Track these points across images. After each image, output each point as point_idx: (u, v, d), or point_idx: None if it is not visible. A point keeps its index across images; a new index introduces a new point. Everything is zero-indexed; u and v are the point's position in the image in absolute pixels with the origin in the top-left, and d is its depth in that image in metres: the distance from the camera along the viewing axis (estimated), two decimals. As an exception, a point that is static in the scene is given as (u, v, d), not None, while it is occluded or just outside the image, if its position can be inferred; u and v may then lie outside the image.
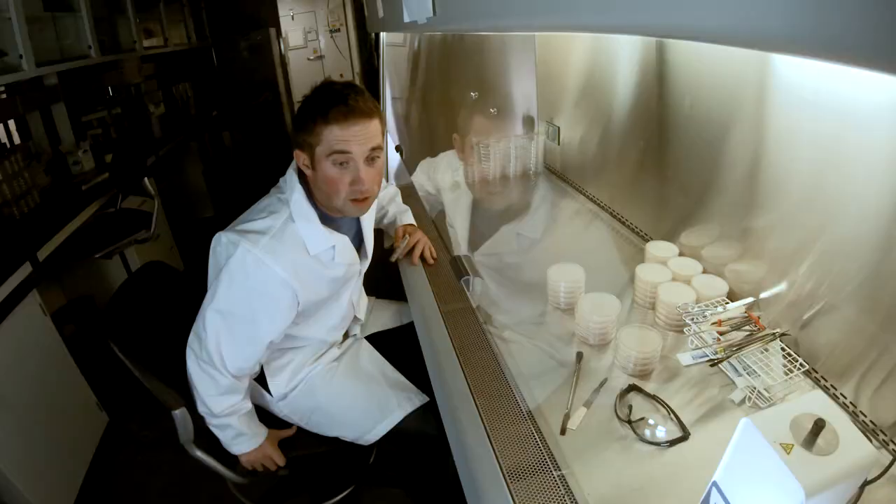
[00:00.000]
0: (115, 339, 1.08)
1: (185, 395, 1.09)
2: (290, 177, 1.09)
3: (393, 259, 1.39)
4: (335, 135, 0.98)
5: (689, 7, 0.41)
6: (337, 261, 1.12)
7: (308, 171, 1.06)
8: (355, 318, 1.36)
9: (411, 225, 1.43)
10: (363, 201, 1.07)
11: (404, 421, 1.19)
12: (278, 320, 1.07)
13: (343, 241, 1.13)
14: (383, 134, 1.07)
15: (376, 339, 1.39)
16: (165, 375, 1.09)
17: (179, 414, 1.08)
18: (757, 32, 0.36)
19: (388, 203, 1.49)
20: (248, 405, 1.12)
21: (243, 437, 1.11)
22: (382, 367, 1.30)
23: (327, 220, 1.10)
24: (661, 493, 0.74)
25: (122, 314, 1.20)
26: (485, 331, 1.07)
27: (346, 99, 0.98)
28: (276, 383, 1.20)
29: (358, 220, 1.22)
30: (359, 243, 1.23)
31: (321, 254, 1.09)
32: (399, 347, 1.35)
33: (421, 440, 1.21)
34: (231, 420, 1.09)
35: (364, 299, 1.43)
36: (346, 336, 1.37)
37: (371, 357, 1.32)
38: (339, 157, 1.00)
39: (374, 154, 1.04)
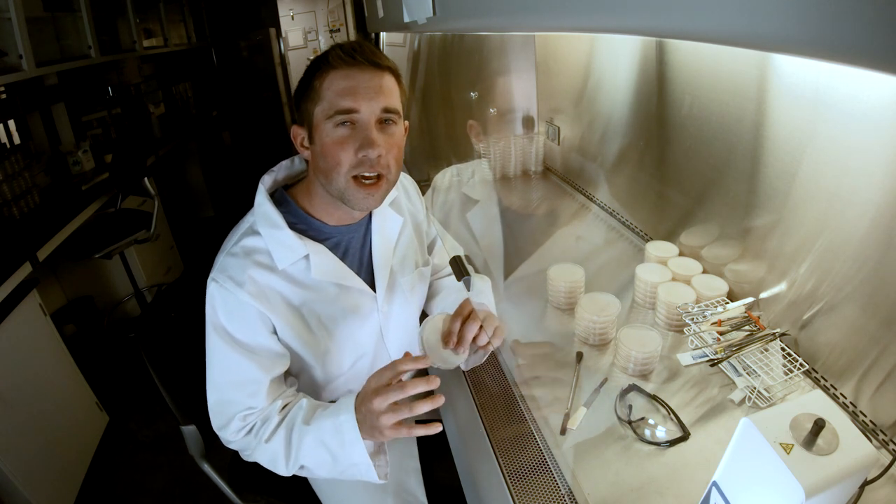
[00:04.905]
0: (145, 345, 1.04)
1: (200, 410, 1.00)
2: (263, 179, 0.93)
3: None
4: (337, 86, 0.79)
5: (688, 7, 0.41)
6: (317, 278, 0.88)
7: (306, 152, 0.87)
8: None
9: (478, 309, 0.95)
10: (374, 184, 0.83)
11: None
12: (255, 337, 0.86)
13: (319, 251, 0.88)
14: (403, 105, 0.87)
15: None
16: (183, 390, 1.05)
17: (188, 430, 1.05)
18: (757, 32, 0.36)
19: (446, 272, 1.14)
20: (281, 417, 0.87)
21: (339, 434, 0.80)
22: (406, 476, 1.04)
23: (312, 228, 0.91)
24: (661, 493, 0.74)
25: (155, 320, 1.15)
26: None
27: (352, 43, 0.83)
28: None
29: (367, 229, 0.97)
30: (368, 266, 0.97)
31: (293, 269, 0.87)
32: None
33: None
34: (306, 440, 0.82)
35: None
36: None
37: (405, 453, 1.06)
38: (342, 116, 0.80)
39: (389, 117, 0.82)
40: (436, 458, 1.10)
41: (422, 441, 1.11)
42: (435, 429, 0.77)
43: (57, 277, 2.53)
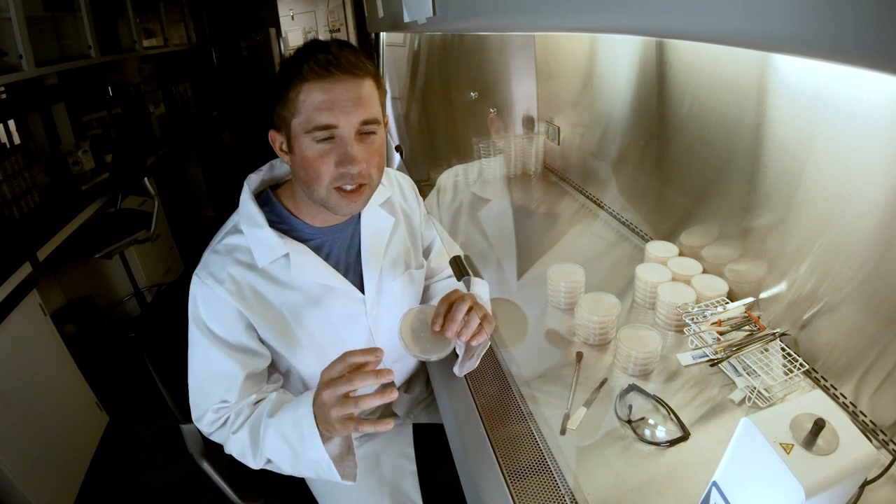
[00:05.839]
0: (145, 345, 1.04)
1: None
2: (249, 179, 0.93)
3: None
4: (314, 100, 0.76)
5: (688, 7, 0.41)
6: (297, 277, 0.87)
7: (286, 158, 0.85)
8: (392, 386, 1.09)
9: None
10: (356, 192, 0.83)
11: None
12: (233, 334, 0.87)
13: (299, 250, 0.88)
14: (383, 106, 0.85)
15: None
16: (183, 389, 1.02)
17: (188, 430, 1.05)
18: (757, 32, 0.36)
19: (444, 273, 1.15)
20: (251, 411, 0.88)
21: (298, 432, 0.79)
22: (402, 478, 1.04)
23: (295, 228, 0.90)
24: (661, 493, 0.74)
25: (155, 320, 1.15)
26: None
27: (326, 47, 0.78)
28: None
29: (355, 229, 0.96)
30: (357, 266, 0.96)
31: (274, 269, 0.87)
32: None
33: None
34: (269, 439, 0.82)
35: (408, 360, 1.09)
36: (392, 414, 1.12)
37: (401, 455, 1.07)
38: (320, 133, 0.78)
39: (368, 129, 0.80)
40: (435, 458, 1.10)
41: (420, 442, 1.11)
42: (384, 426, 0.73)
43: (57, 277, 2.53)
